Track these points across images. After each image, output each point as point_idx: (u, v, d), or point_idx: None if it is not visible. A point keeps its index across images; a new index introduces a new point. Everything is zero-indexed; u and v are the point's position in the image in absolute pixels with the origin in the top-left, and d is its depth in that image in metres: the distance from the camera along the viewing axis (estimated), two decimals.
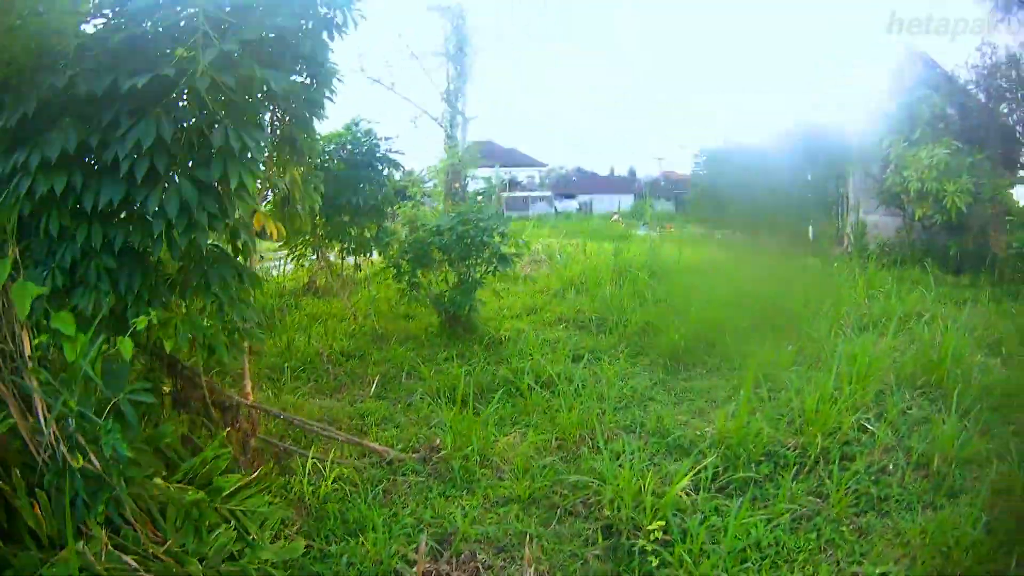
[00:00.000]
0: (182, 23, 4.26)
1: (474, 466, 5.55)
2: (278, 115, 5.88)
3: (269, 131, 5.88)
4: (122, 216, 4.37)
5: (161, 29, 4.32)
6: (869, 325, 9.97)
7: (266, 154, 5.75)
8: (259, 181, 5.64)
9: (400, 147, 21.11)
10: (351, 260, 11.76)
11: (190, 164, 4.39)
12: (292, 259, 11.61)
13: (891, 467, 5.64)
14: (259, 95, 4.92)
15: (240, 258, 5.14)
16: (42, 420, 3.72)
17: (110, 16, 4.45)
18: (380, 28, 23.26)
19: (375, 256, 11.53)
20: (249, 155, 4.39)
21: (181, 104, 4.33)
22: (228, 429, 5.32)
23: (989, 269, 14.78)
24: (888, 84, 19.60)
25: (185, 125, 4.33)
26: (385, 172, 10.90)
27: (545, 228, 31.76)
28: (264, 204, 6.42)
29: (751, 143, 17.41)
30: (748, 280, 11.77)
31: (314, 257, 11.60)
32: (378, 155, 10.59)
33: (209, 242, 4.67)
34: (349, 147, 10.58)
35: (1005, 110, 18.58)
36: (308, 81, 5.65)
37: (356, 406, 7.18)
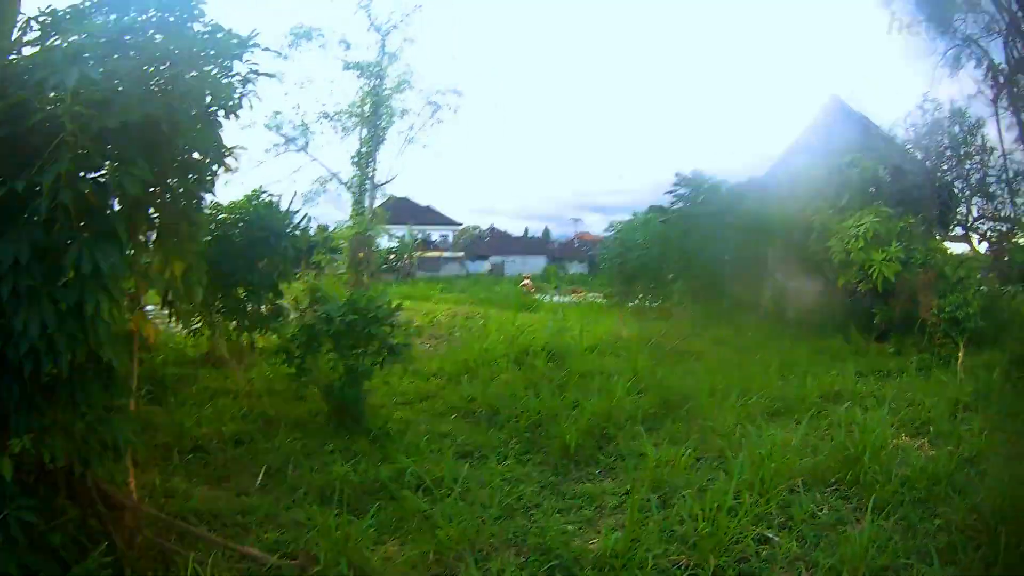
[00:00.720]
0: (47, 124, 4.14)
1: None
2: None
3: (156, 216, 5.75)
4: None
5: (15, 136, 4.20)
6: (782, 411, 9.93)
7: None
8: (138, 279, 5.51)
9: (317, 203, 20.68)
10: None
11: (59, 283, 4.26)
12: (187, 333, 11.20)
13: None
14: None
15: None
16: None
17: None
18: (301, 82, 22.77)
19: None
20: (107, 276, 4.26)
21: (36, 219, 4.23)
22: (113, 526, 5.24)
23: (917, 334, 14.71)
24: (818, 145, 19.76)
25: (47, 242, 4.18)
26: (284, 246, 10.62)
27: (454, 292, 31.74)
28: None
29: (665, 208, 17.57)
30: (651, 363, 11.79)
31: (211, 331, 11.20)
32: (277, 230, 10.31)
33: None
34: (248, 219, 10.30)
35: (945, 167, 19.18)
36: (200, 159, 5.68)
37: (241, 499, 7.01)
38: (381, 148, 22.44)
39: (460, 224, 71.49)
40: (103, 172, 4.37)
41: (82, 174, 4.24)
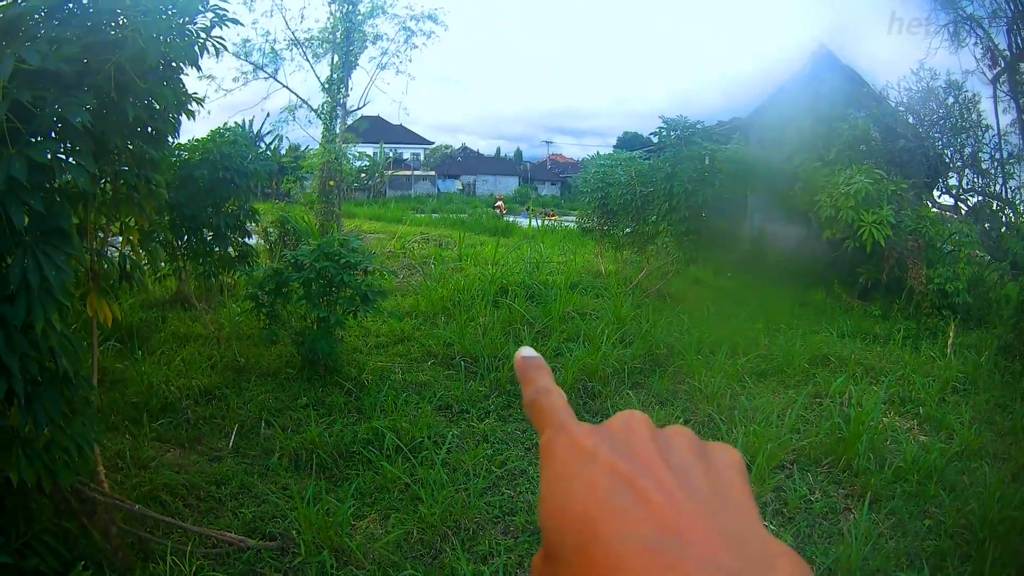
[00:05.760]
0: None
1: (331, 571, 5.02)
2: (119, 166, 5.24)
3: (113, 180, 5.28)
4: None
5: None
6: (769, 373, 9.63)
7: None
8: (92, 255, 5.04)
9: (286, 130, 20.07)
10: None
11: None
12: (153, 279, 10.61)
13: None
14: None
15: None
16: None
17: None
18: (270, 10, 21.63)
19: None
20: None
21: None
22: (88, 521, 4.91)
23: (904, 300, 14.23)
24: (804, 93, 18.97)
25: None
26: (251, 185, 10.06)
27: (425, 213, 31.33)
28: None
29: (641, 136, 17.11)
30: (634, 307, 11.49)
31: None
32: (242, 169, 9.70)
33: None
34: (212, 159, 9.69)
35: (937, 134, 18.43)
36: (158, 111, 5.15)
37: (214, 466, 6.61)
38: (353, 74, 21.47)
39: (432, 143, 70.48)
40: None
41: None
